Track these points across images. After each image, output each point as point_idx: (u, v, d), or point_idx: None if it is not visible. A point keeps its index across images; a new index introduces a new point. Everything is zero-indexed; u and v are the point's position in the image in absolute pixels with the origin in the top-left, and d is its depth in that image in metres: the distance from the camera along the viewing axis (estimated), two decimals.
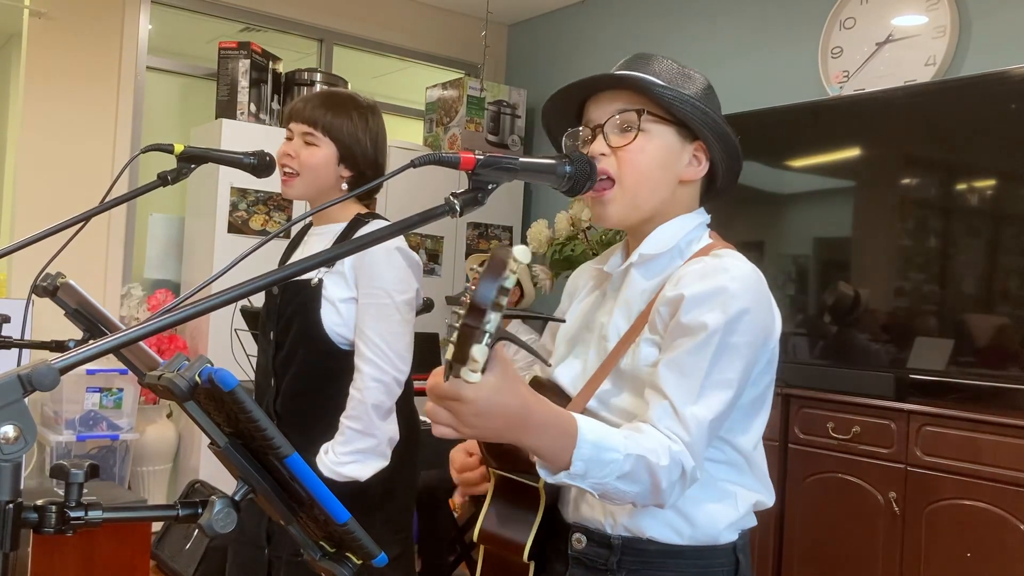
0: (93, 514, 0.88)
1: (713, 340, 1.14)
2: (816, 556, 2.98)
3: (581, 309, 1.40)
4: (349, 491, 1.86)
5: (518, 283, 3.48)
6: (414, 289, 2.00)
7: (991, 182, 2.96)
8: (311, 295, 1.95)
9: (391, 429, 1.95)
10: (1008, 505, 2.52)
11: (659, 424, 1.12)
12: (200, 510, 0.89)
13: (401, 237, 2.00)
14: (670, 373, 1.15)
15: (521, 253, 0.86)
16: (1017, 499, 2.51)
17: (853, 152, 3.30)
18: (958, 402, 2.80)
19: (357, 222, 2.02)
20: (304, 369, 1.98)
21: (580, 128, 1.31)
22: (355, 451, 1.89)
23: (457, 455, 1.39)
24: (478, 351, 0.85)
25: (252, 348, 2.91)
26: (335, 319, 1.95)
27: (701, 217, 1.32)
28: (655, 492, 1.09)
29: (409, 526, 2.12)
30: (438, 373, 0.96)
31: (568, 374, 1.32)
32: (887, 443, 2.81)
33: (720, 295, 1.16)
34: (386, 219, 2.08)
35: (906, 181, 3.17)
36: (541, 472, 1.07)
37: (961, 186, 3.04)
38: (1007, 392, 2.80)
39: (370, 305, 1.94)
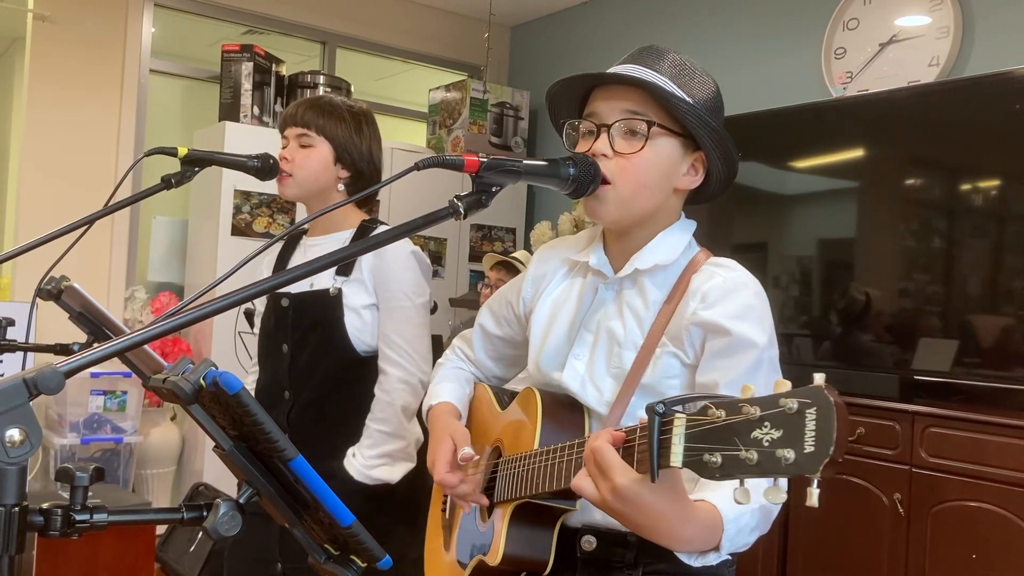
0: (99, 517, 0.88)
1: (764, 357, 1.20)
2: (821, 558, 2.97)
3: (556, 300, 1.40)
4: (379, 492, 1.87)
5: None
6: (428, 293, 2.02)
7: (995, 182, 2.95)
8: (331, 305, 1.95)
9: (417, 430, 1.97)
10: (1013, 506, 2.51)
11: None
12: (205, 513, 0.89)
13: (409, 241, 2.01)
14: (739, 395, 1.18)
15: None
16: (1022, 500, 2.50)
17: (857, 153, 3.30)
18: (963, 403, 2.79)
19: (364, 230, 2.02)
20: (326, 378, 1.97)
21: (581, 121, 1.30)
22: (384, 454, 1.91)
23: (448, 476, 1.35)
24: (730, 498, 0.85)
25: (256, 351, 2.90)
26: (358, 325, 1.95)
27: (692, 225, 1.35)
28: (768, 522, 1.13)
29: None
30: (607, 439, 0.98)
31: (575, 380, 1.31)
32: (892, 444, 2.81)
33: (753, 312, 1.21)
34: (389, 225, 2.08)
35: (910, 182, 3.16)
36: (683, 557, 1.08)
37: (965, 187, 3.03)
38: (1012, 393, 2.79)
39: (391, 309, 1.95)
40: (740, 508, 1.06)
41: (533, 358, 1.39)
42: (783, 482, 0.82)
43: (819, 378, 0.79)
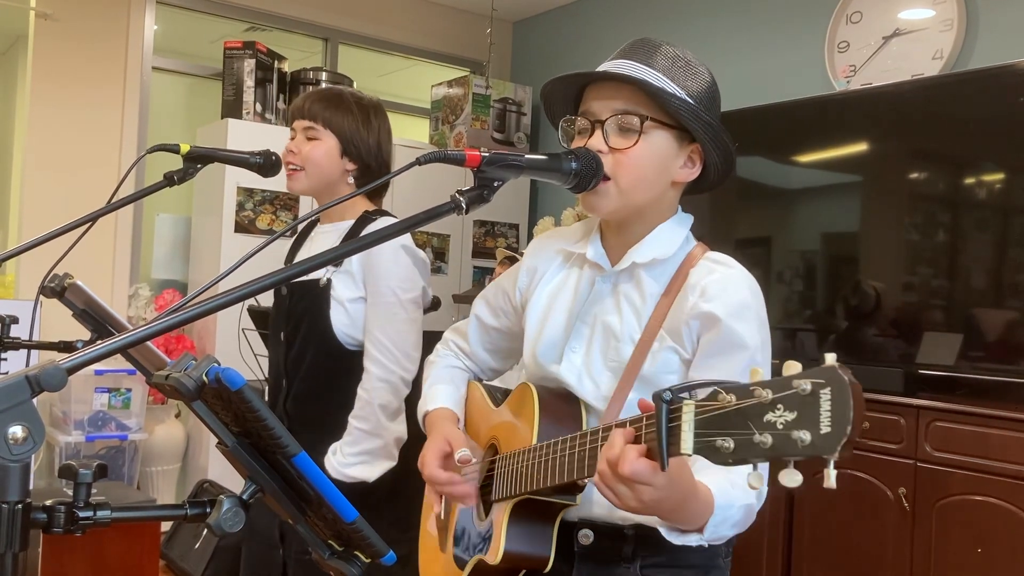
0: (102, 514, 0.88)
1: (757, 359, 1.21)
2: (826, 552, 2.97)
3: (553, 291, 1.40)
4: (356, 490, 1.86)
5: None
6: (420, 287, 1.99)
7: (999, 176, 2.94)
8: (320, 295, 1.95)
9: (399, 429, 1.94)
10: (1018, 500, 2.51)
11: None
12: (208, 509, 0.89)
13: (407, 235, 1.99)
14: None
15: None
16: None
17: (860, 147, 3.29)
18: (967, 397, 2.78)
19: (364, 220, 2.01)
20: (313, 369, 1.97)
21: (576, 117, 1.30)
22: (362, 452, 1.89)
23: (437, 472, 1.34)
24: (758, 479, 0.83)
25: (260, 348, 2.90)
26: (343, 319, 1.94)
27: (689, 219, 1.35)
28: (748, 522, 1.15)
29: (418, 525, 2.11)
30: (624, 449, 0.97)
31: (572, 372, 1.31)
32: (896, 439, 2.80)
33: (748, 310, 1.22)
34: (394, 216, 2.07)
35: (914, 175, 3.16)
36: (665, 533, 1.09)
37: (969, 180, 3.03)
38: (1017, 387, 2.78)
39: (376, 304, 1.93)
40: (730, 499, 1.09)
41: (529, 349, 1.38)
42: (764, 468, 0.83)
43: (831, 358, 0.79)
